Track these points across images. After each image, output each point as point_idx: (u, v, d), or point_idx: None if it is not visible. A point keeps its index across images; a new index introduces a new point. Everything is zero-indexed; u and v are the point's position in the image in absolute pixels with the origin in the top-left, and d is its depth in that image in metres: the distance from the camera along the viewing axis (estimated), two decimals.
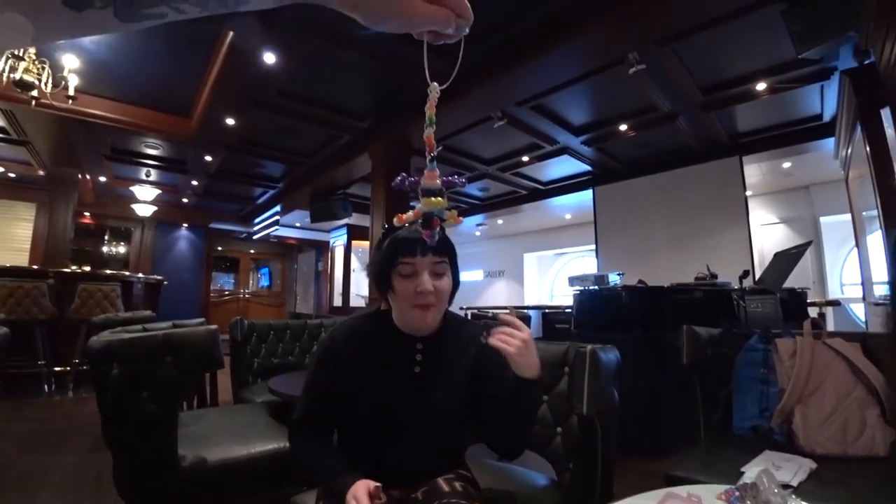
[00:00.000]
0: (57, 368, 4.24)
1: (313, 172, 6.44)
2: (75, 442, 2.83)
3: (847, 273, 6.21)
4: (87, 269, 5.83)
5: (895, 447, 1.32)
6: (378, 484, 0.83)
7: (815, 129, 4.73)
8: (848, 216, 4.73)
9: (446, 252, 0.96)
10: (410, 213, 0.71)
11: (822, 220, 6.27)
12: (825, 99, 4.23)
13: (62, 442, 2.82)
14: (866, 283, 4.25)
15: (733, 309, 2.75)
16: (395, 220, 0.73)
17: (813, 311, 4.42)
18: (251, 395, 2.53)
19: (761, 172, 5.94)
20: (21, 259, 6.75)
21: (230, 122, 4.82)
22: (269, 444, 1.63)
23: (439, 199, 0.63)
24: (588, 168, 6.27)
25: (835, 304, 5.31)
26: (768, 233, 6.73)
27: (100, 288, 4.36)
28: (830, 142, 4.71)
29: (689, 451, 1.43)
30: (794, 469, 1.22)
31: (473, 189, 7.46)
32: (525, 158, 5.88)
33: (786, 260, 2.72)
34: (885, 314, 3.43)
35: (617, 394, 1.17)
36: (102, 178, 7.15)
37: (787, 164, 5.68)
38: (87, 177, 6.83)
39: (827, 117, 4.55)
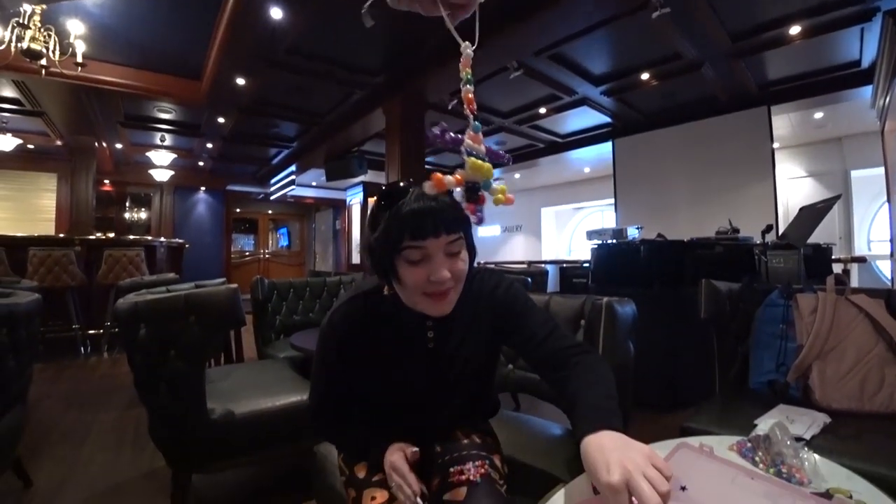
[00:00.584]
0: (91, 332, 4.47)
1: (327, 131, 6.37)
2: (113, 400, 3.01)
3: (875, 230, 6.01)
4: (111, 235, 5.99)
5: None
6: (415, 449, 0.84)
7: (852, 76, 4.45)
8: (881, 170, 4.52)
9: (461, 226, 0.79)
10: (451, 177, 0.61)
11: (854, 173, 6.01)
12: (865, 43, 3.94)
13: (101, 400, 3.00)
14: (895, 240, 4.10)
15: (754, 264, 2.70)
16: (430, 182, 0.62)
17: (837, 268, 4.32)
18: (274, 351, 2.63)
19: (790, 124, 5.66)
20: (47, 229, 6.97)
21: (241, 82, 4.75)
22: (293, 397, 1.71)
23: (488, 165, 0.56)
24: (608, 120, 6.07)
25: (860, 260, 5.18)
26: (795, 187, 6.50)
27: (125, 253, 4.49)
28: (868, 90, 4.44)
29: (705, 404, 1.44)
30: (807, 423, 1.23)
31: (490, 143, 7.27)
32: (542, 110, 5.71)
33: (812, 214, 2.62)
34: None
35: (633, 347, 1.18)
36: (119, 146, 7.21)
37: (818, 115, 5.39)
38: (104, 144, 6.89)
39: (866, 63, 4.26)
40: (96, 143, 6.44)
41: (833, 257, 3.78)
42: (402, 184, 0.81)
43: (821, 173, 6.34)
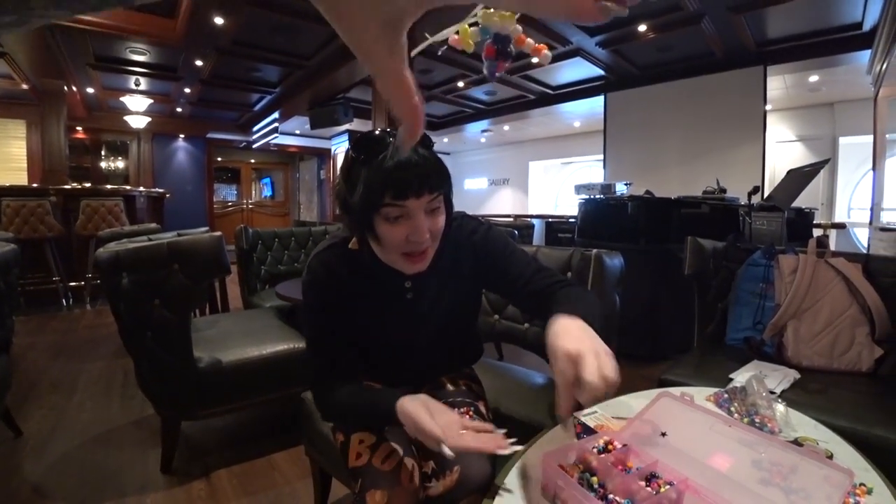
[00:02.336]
0: (73, 284, 4.40)
1: (312, 75, 6.09)
2: (99, 350, 3.01)
3: (857, 197, 6.10)
4: (88, 185, 5.77)
5: (879, 363, 1.38)
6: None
7: (852, 38, 4.36)
8: (869, 138, 4.54)
9: (443, 184, 0.77)
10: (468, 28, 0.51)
11: (842, 140, 6.04)
12: (869, 4, 3.84)
13: (87, 350, 3.00)
14: (875, 207, 4.18)
15: (738, 225, 2.74)
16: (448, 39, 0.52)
17: (817, 233, 4.41)
18: (260, 300, 2.65)
19: (785, 86, 5.59)
20: (19, 178, 6.69)
21: (219, 21, 4.47)
22: (280, 345, 1.73)
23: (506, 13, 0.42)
24: (601, 73, 5.90)
25: (840, 227, 5.30)
26: (783, 151, 6.51)
27: (103, 203, 4.37)
28: (866, 55, 4.37)
29: (683, 358, 1.49)
30: (779, 378, 1.29)
31: (479, 93, 7.10)
32: (534, 60, 5.51)
33: (799, 178, 2.64)
34: (891, 239, 3.41)
35: (618, 300, 1.20)
36: (90, 90, 6.83)
37: (814, 78, 5.33)
38: (75, 89, 6.52)
39: (867, 26, 4.16)
40: (66, 87, 6.07)
41: (814, 222, 3.85)
42: (377, 132, 0.77)
43: (810, 138, 6.35)
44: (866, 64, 4.50)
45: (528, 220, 6.17)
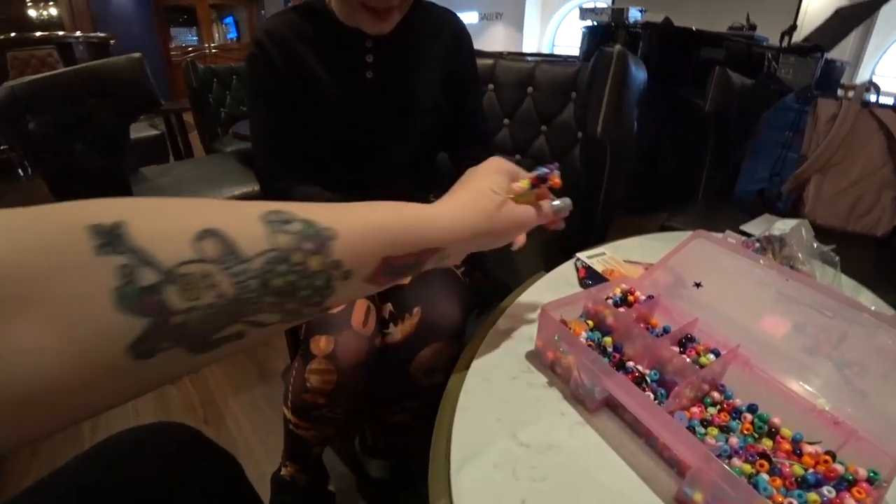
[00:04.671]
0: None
1: None
2: None
3: (884, 63, 5.58)
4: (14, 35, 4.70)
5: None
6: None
7: None
8: None
9: None
10: None
11: None
12: None
13: None
14: None
15: (762, 68, 2.40)
16: None
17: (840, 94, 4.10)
18: (222, 146, 2.44)
19: None
20: None
21: None
22: (237, 189, 1.60)
23: None
24: None
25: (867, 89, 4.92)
26: None
27: (32, 54, 3.70)
28: None
29: (686, 207, 1.34)
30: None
31: None
32: None
33: (848, 17, 2.25)
34: None
35: (636, 124, 0.94)
36: None
37: None
38: None
39: None
40: None
41: (840, 81, 3.49)
42: None
43: None
44: None
45: (522, 58, 5.49)
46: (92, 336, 0.19)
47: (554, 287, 0.62)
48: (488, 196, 0.39)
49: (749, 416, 0.40)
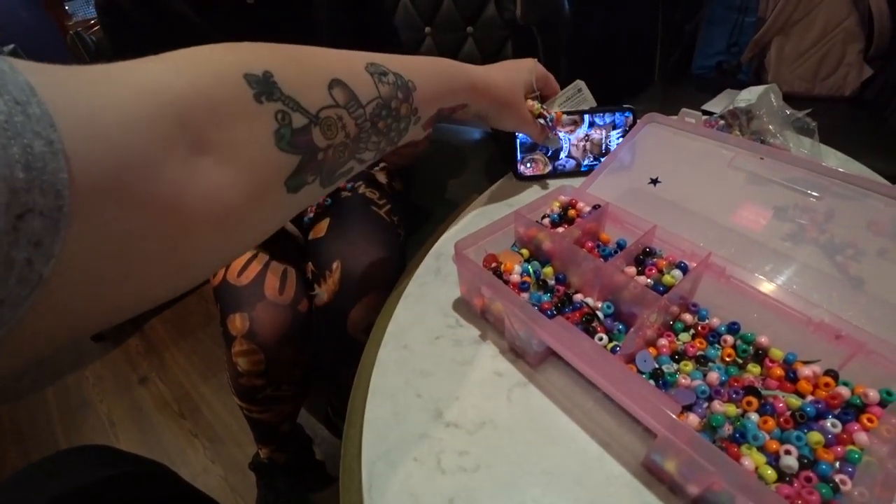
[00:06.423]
0: None
1: None
2: None
3: None
4: None
5: (865, 87, 1.16)
6: None
7: None
8: None
9: None
10: None
11: None
12: None
13: None
14: None
15: None
16: None
17: None
18: None
19: None
20: None
21: None
22: None
23: None
24: None
25: None
26: None
27: None
28: None
29: (642, 94, 1.21)
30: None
31: None
32: None
33: None
34: None
35: (567, 3, 0.79)
36: None
37: None
38: None
39: None
40: None
41: None
42: None
43: None
44: None
45: None
46: (261, 171, 0.23)
47: (491, 214, 0.51)
48: (515, 78, 0.45)
49: (730, 339, 0.31)
